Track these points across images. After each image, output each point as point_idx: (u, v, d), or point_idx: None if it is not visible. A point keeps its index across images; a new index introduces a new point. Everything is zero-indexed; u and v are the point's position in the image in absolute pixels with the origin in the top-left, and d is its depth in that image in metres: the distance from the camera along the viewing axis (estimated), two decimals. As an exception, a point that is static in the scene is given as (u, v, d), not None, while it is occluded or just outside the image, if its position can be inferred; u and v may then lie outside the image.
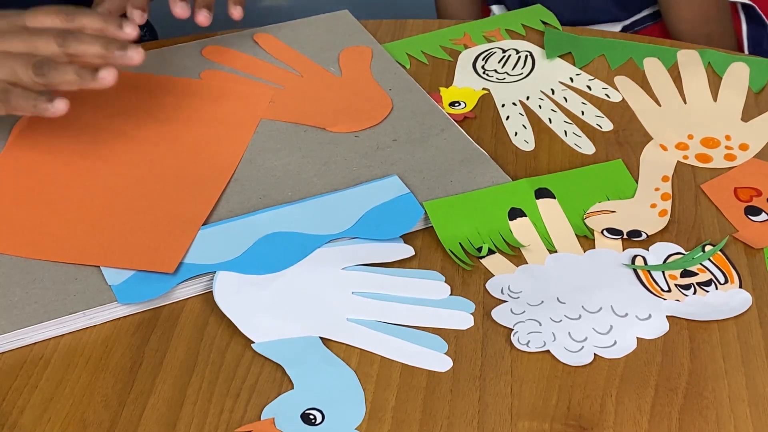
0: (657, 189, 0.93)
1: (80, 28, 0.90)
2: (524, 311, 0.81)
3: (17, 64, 0.88)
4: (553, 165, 0.97)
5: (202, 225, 0.88)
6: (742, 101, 1.05)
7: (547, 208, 0.90)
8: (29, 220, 0.89)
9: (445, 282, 0.84)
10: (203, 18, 1.00)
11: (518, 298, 0.82)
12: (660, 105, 1.05)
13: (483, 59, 1.12)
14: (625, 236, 0.88)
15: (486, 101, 1.06)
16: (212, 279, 0.83)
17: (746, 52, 1.35)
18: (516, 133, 1.01)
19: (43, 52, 0.88)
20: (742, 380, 0.76)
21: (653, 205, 0.91)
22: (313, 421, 0.73)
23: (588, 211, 0.90)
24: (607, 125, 1.02)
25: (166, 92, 1.05)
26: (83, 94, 0.90)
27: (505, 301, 0.82)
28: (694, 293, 0.83)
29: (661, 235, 0.88)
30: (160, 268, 0.83)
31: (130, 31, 0.91)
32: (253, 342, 0.78)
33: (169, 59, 1.10)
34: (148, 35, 1.47)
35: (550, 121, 1.03)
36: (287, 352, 0.78)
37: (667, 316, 0.81)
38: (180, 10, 0.99)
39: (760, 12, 1.37)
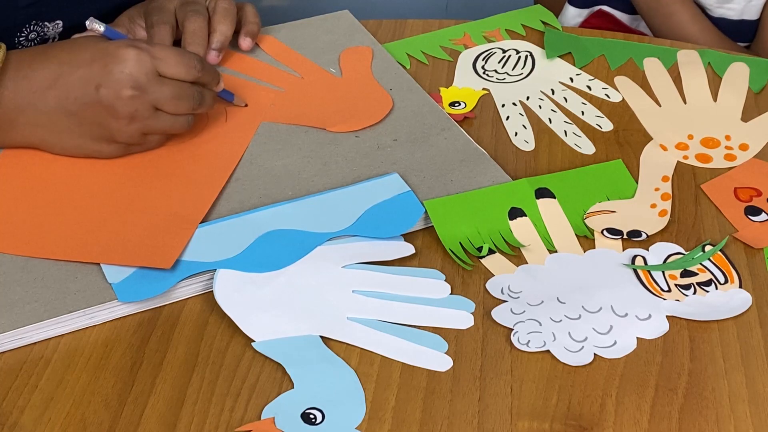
0: (657, 189, 0.93)
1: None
2: (524, 311, 0.81)
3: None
4: (553, 165, 0.97)
5: (202, 223, 0.88)
6: (742, 101, 1.05)
7: (547, 208, 0.90)
8: (29, 219, 0.89)
9: (445, 281, 0.84)
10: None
11: (518, 298, 0.82)
12: (660, 105, 1.05)
13: (483, 59, 1.12)
14: (625, 236, 0.88)
15: (486, 101, 1.06)
16: (212, 278, 0.83)
17: None
18: (516, 133, 1.01)
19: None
20: (742, 380, 0.76)
21: (653, 205, 0.91)
22: (314, 420, 0.73)
23: (588, 211, 0.90)
24: (607, 125, 1.02)
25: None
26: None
27: (505, 301, 0.82)
28: (694, 293, 0.83)
29: (661, 235, 0.88)
30: (157, 263, 0.83)
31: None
32: (253, 341, 0.78)
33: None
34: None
35: (550, 121, 1.03)
36: (287, 351, 0.77)
37: (667, 316, 0.81)
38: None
39: None
